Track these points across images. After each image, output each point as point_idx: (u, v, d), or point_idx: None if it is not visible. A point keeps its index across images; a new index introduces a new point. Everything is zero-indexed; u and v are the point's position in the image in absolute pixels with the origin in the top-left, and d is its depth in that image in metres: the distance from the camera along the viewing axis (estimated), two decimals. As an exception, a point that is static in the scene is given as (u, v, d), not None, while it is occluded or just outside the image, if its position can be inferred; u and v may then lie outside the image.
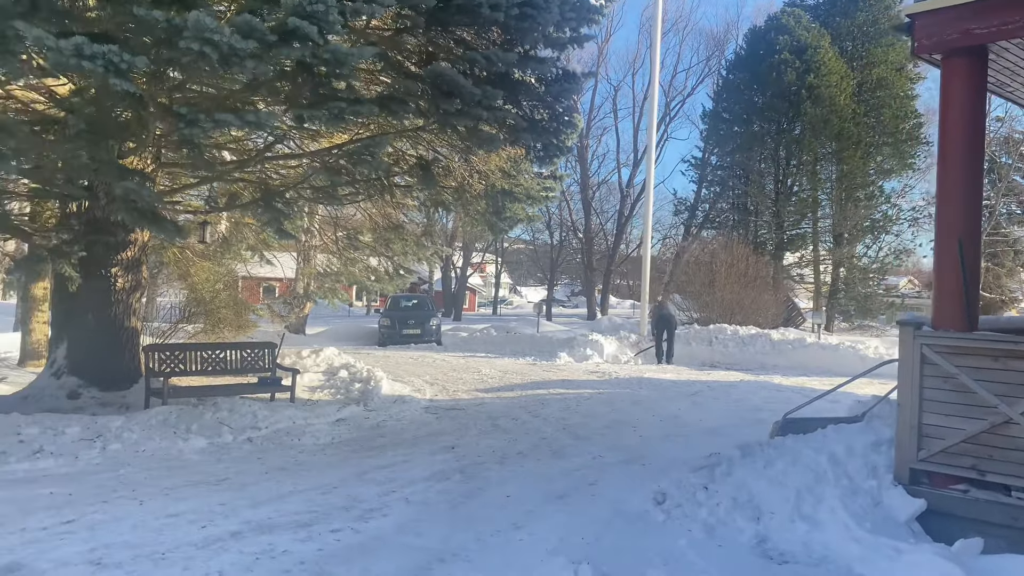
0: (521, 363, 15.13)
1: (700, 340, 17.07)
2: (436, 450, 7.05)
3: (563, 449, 6.97)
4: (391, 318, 21.35)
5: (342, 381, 11.32)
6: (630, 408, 9.28)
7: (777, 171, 34.54)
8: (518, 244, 63.19)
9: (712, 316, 19.14)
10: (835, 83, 31.68)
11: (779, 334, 16.70)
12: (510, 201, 9.22)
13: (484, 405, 9.80)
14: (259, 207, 6.97)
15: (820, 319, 18.96)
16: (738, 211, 36.50)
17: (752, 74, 34.13)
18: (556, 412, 9.06)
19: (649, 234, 18.59)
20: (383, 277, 11.76)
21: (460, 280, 40.78)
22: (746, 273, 20.23)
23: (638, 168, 43.07)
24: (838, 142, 32.02)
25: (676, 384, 11.53)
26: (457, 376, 12.72)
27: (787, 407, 9.48)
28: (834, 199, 33.89)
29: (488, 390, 11.16)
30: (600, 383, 11.70)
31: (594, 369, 13.82)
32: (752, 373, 14.32)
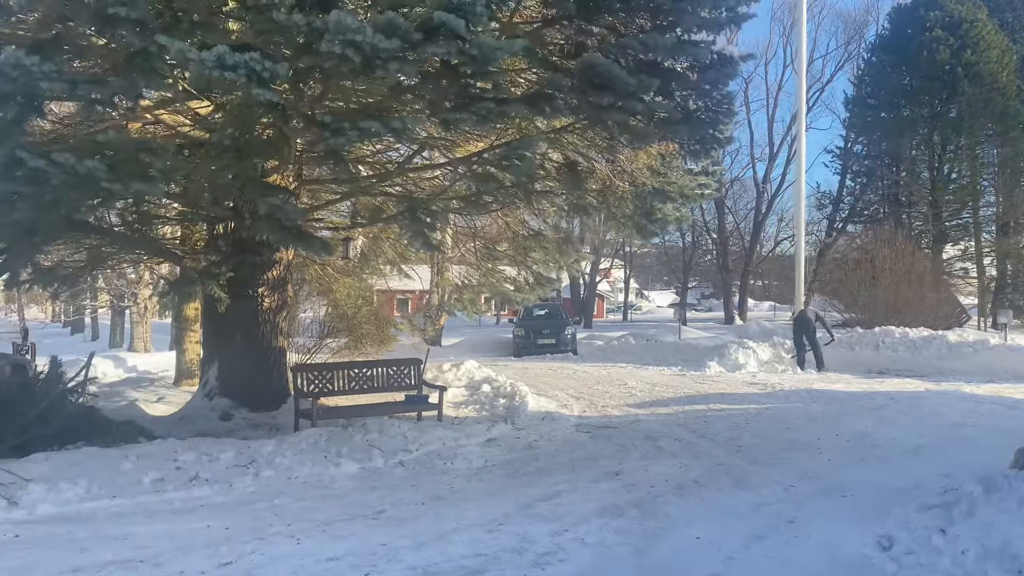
0: (668, 374, 14.28)
1: (865, 344, 15.64)
2: (599, 477, 6.43)
3: (745, 477, 6.18)
4: (525, 328, 20.93)
5: (485, 396, 10.92)
6: (808, 426, 8.32)
7: (932, 158, 31.87)
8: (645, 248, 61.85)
9: (875, 317, 17.57)
10: (996, 59, 28.88)
11: (956, 335, 15.05)
12: (661, 201, 8.51)
13: (639, 423, 9.11)
14: (405, 219, 6.64)
15: (1006, 318, 16.99)
16: (888, 202, 33.97)
17: (899, 55, 31.68)
18: (723, 431, 8.23)
19: (802, 230, 17.27)
20: (523, 287, 11.30)
21: (589, 287, 40.05)
22: (912, 269, 18.47)
23: (774, 163, 41.02)
24: (1001, 122, 29.15)
25: (852, 396, 10.40)
26: (602, 389, 12.07)
27: (992, 422, 8.29)
28: (998, 185, 30.89)
29: (639, 405, 10.44)
30: (764, 396, 10.72)
31: (752, 380, 12.79)
32: (932, 381, 12.86)
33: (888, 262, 18.50)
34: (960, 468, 6.08)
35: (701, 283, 75.45)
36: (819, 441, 7.52)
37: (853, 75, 39.03)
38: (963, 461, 6.37)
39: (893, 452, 6.90)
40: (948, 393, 10.43)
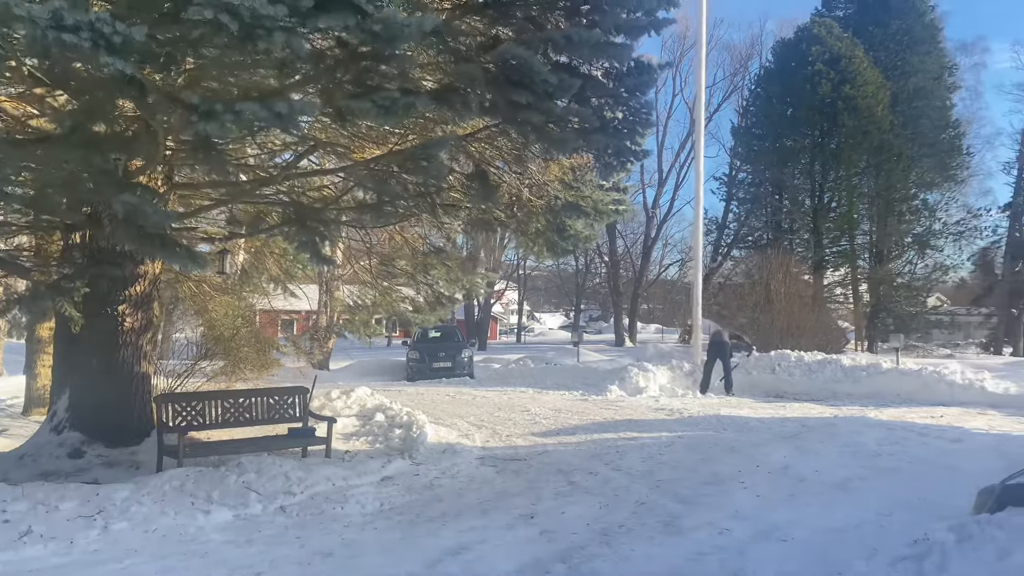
0: (570, 399, 13.73)
1: (762, 368, 15.63)
2: (513, 522, 5.68)
3: (674, 519, 5.57)
4: (420, 351, 19.99)
5: (379, 427, 9.99)
6: (725, 457, 7.86)
7: (813, 186, 33.19)
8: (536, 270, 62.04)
9: (770, 340, 17.72)
10: (871, 93, 30.41)
11: (850, 359, 15.26)
12: (575, 216, 7.92)
13: (548, 454, 8.43)
14: (292, 229, 5.72)
15: (899, 343, 17.46)
16: (772, 229, 35.08)
17: (783, 87, 32.95)
18: (638, 464, 7.66)
19: (700, 254, 17.21)
20: (422, 307, 10.46)
21: (484, 308, 39.43)
22: (803, 293, 18.81)
23: (663, 188, 41.82)
24: (877, 154, 30.65)
25: (763, 423, 10.10)
26: (504, 416, 11.35)
27: (908, 451, 8.07)
28: (874, 214, 32.48)
29: (546, 434, 9.78)
30: (673, 423, 10.28)
31: (657, 405, 12.39)
32: (830, 405, 12.86)
33: (783, 286, 18.78)
34: (896, 505, 5.71)
35: (590, 305, 76.52)
36: (741, 474, 7.04)
37: (739, 105, 40.47)
38: (897, 496, 6.01)
39: (821, 486, 6.49)
40: (856, 419, 10.30)
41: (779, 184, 34.35)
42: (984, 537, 3.70)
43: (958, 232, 33.20)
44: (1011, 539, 3.61)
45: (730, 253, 37.80)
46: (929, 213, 32.58)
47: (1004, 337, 36.38)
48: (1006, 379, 13.65)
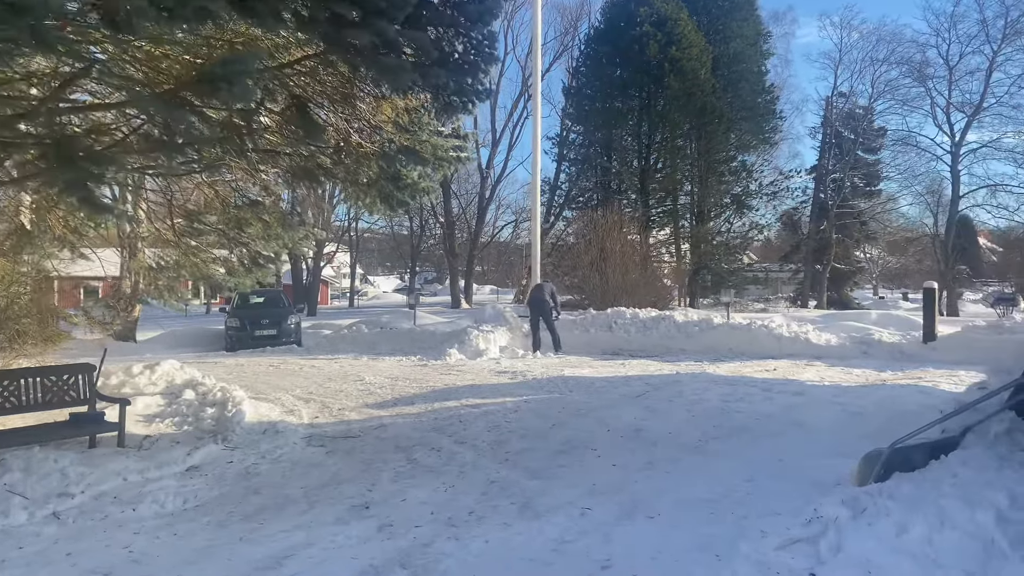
0: (408, 364, 12.94)
1: (599, 326, 15.55)
2: (345, 514, 4.86)
3: (529, 499, 4.96)
4: (240, 318, 18.36)
5: (189, 406, 8.74)
6: (575, 421, 7.41)
7: (641, 147, 33.93)
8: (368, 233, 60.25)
9: (606, 298, 17.74)
10: (696, 56, 31.33)
11: (683, 315, 15.47)
12: (412, 162, 7.05)
13: (385, 428, 7.63)
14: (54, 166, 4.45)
15: (728, 298, 18.00)
16: (602, 189, 35.65)
17: (613, 47, 33.29)
18: (485, 434, 7.04)
19: (538, 211, 16.84)
20: (237, 270, 9.19)
21: (314, 271, 37.54)
22: (636, 252, 18.99)
23: (497, 148, 41.54)
24: (700, 116, 31.71)
25: (609, 383, 9.80)
26: (336, 387, 10.40)
27: (754, 407, 7.96)
28: (695, 175, 33.77)
29: (382, 405, 8.96)
30: (517, 387, 9.77)
31: (499, 368, 11.86)
32: (666, 360, 12.92)
33: (617, 245, 18.85)
34: (757, 469, 5.43)
35: (425, 267, 75.78)
36: (594, 440, 6.60)
37: (569, 66, 40.66)
38: (755, 458, 5.75)
39: (678, 450, 6.15)
40: (698, 376, 10.26)
41: (609, 145, 34.87)
42: (879, 511, 3.33)
43: (772, 192, 35.31)
44: (906, 511, 3.26)
45: (562, 214, 38.16)
46: (747, 174, 34.32)
47: (809, 291, 39.44)
48: (826, 331, 14.32)
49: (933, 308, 12.56)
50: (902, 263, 55.30)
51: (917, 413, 7.42)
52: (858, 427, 6.74)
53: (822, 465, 5.37)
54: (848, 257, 41.78)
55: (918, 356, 12.35)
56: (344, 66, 6.35)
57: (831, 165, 40.49)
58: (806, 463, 5.47)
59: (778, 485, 4.97)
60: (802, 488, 4.84)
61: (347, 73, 6.58)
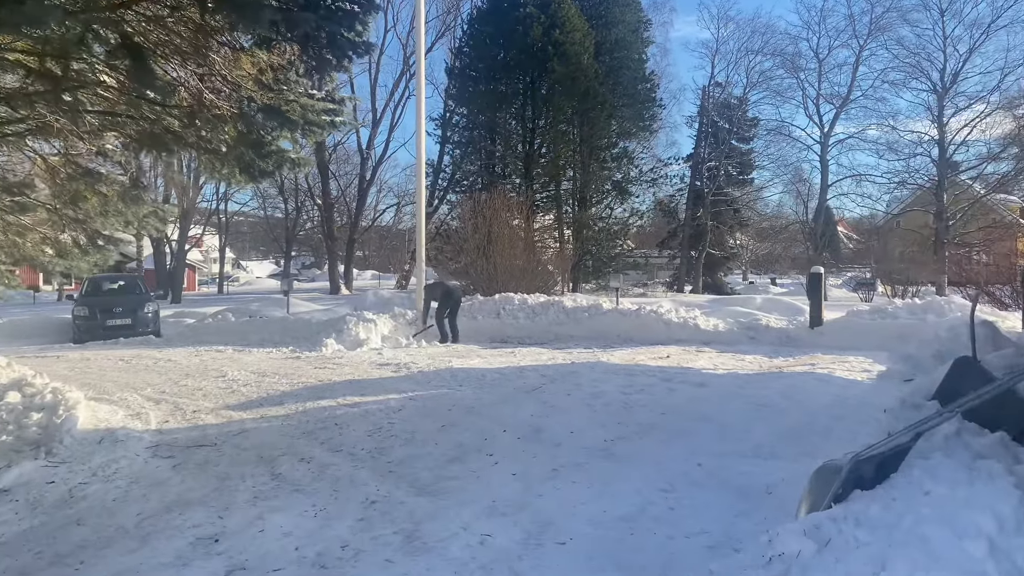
0: (279, 357, 11.78)
1: (487, 312, 14.87)
2: (188, 550, 3.91)
3: (417, 526, 4.15)
4: (89, 306, 16.50)
5: (11, 411, 7.34)
6: (467, 421, 6.64)
7: (525, 131, 33.47)
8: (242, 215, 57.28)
9: (493, 284, 17.07)
10: (579, 40, 31.11)
11: (572, 301, 15.02)
12: (278, 125, 6.04)
13: (247, 434, 6.60)
14: None
15: (617, 283, 17.70)
16: (486, 173, 34.97)
17: (497, 28, 32.59)
18: (364, 439, 6.16)
19: (423, 193, 15.92)
20: (70, 251, 7.82)
21: (178, 255, 35.01)
22: (524, 236, 18.40)
23: (378, 128, 40.12)
24: (583, 101, 31.53)
25: (501, 375, 9.08)
26: (193, 385, 9.19)
27: (656, 399, 7.42)
28: (578, 161, 33.65)
29: (246, 405, 7.88)
30: (401, 381, 8.89)
31: (382, 360, 10.91)
32: (556, 348, 12.41)
33: (506, 229, 18.18)
34: (676, 477, 4.84)
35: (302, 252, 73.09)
36: (489, 443, 5.86)
37: (452, 46, 39.69)
38: (669, 463, 5.16)
39: (584, 454, 5.49)
40: (594, 365, 9.72)
41: (493, 128, 34.22)
42: (847, 543, 2.73)
43: (652, 179, 35.73)
44: (883, 543, 2.67)
45: (446, 197, 37.28)
46: (628, 161, 34.52)
47: (685, 276, 40.35)
48: (713, 316, 14.21)
49: (819, 293, 12.61)
50: (769, 250, 57.68)
51: (822, 403, 7.13)
52: (770, 422, 6.32)
53: (744, 469, 4.86)
54: (722, 244, 43.03)
55: (805, 341, 12.36)
56: (193, 8, 5.31)
57: (706, 154, 41.50)
58: (726, 467, 4.94)
59: (701, 495, 4.39)
60: (728, 499, 4.29)
61: (197, 19, 5.52)
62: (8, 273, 8.96)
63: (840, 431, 5.50)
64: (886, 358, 10.41)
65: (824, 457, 4.90)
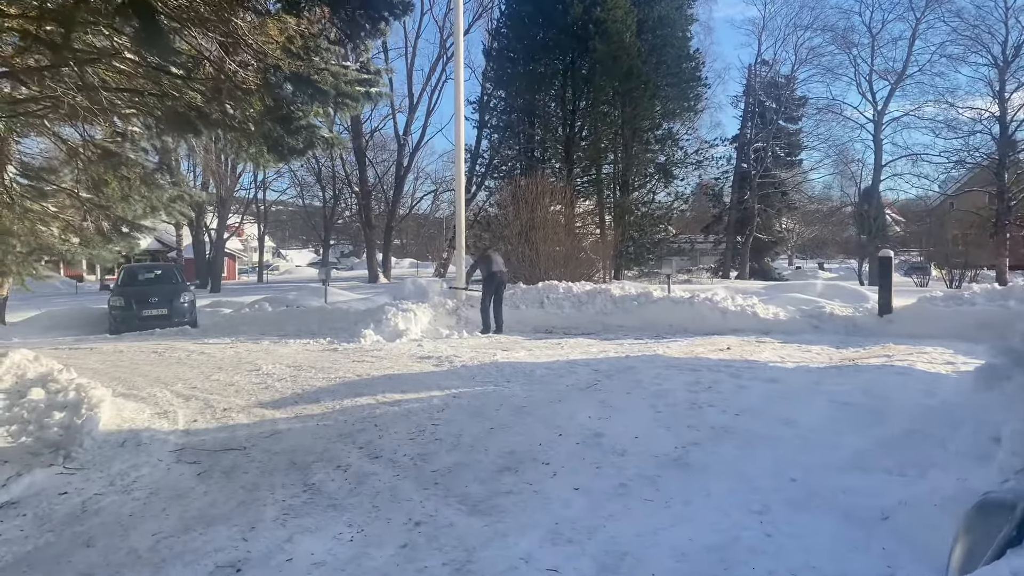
0: (315, 349, 11.29)
1: (530, 301, 14.22)
2: (207, 586, 3.36)
3: (471, 554, 3.53)
4: (125, 296, 16.24)
5: (33, 409, 6.96)
6: (517, 422, 6.02)
7: (565, 113, 32.64)
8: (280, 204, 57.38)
9: (536, 271, 16.43)
10: (621, 18, 30.11)
11: (620, 289, 14.31)
12: (307, 96, 5.46)
13: (280, 436, 6.06)
14: None
15: (669, 268, 16.94)
16: (525, 158, 34.25)
17: (535, 7, 31.75)
18: (406, 444, 5.57)
19: (462, 178, 15.31)
20: (94, 239, 7.37)
21: (217, 244, 34.97)
22: (565, 223, 17.69)
23: (415, 114, 39.64)
24: (626, 81, 30.58)
25: (550, 370, 8.43)
26: (226, 380, 8.72)
27: (725, 398, 6.64)
28: (619, 143, 32.72)
29: (279, 403, 7.36)
30: (444, 377, 8.30)
31: (422, 352, 10.34)
32: (605, 339, 11.74)
33: (549, 214, 17.49)
34: (768, 496, 4.16)
35: (340, 240, 73.24)
36: (544, 450, 5.23)
37: (489, 27, 38.94)
38: (755, 478, 4.48)
39: (653, 464, 4.83)
40: (651, 359, 9.02)
41: (532, 111, 33.45)
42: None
43: (697, 162, 34.64)
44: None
45: (484, 183, 36.66)
46: (672, 143, 33.50)
47: (731, 262, 39.21)
48: (770, 303, 13.40)
49: (889, 279, 11.71)
50: (816, 234, 56.04)
51: (911, 402, 6.37)
52: (859, 426, 5.58)
53: (846, 486, 4.16)
54: (769, 228, 41.78)
55: (874, 330, 11.50)
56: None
57: (753, 135, 40.23)
58: (824, 482, 4.24)
59: (801, 520, 3.71)
60: (834, 524, 3.63)
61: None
62: (34, 264, 8.55)
63: (948, 439, 4.75)
64: (969, 349, 9.60)
65: (939, 472, 4.21)
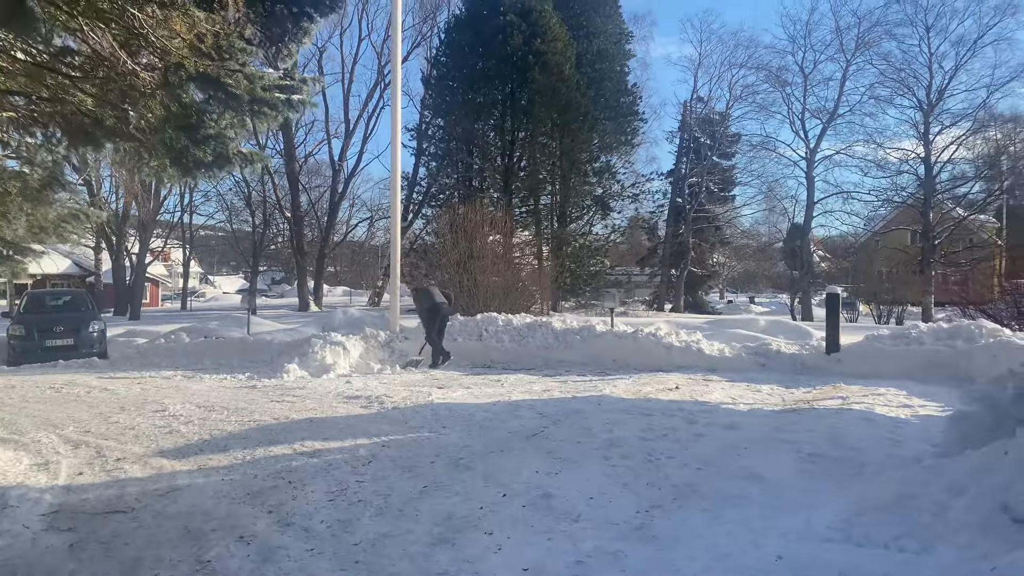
0: (232, 386, 10.32)
1: (468, 334, 13.52)
2: None
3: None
4: (26, 324, 14.87)
5: None
6: (454, 478, 5.27)
7: (504, 143, 32.29)
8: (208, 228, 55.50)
9: (474, 303, 15.75)
10: (560, 50, 30.07)
11: (561, 322, 13.73)
12: (218, 102, 4.70)
13: (178, 494, 5.17)
14: None
15: (613, 302, 16.43)
16: (463, 187, 33.71)
17: (476, 36, 31.44)
18: (324, 505, 4.77)
19: (398, 204, 14.53)
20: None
21: (138, 269, 33.19)
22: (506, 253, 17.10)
23: (351, 140, 38.79)
24: (565, 113, 30.43)
25: (491, 413, 7.70)
26: (126, 423, 7.73)
27: (683, 447, 6.01)
28: (558, 175, 32.53)
29: (183, 451, 6.45)
30: (373, 421, 7.48)
31: (351, 391, 9.47)
32: (547, 375, 11.13)
33: (488, 244, 16.88)
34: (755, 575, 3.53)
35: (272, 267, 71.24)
36: (486, 515, 4.50)
37: (429, 55, 38.54)
38: (729, 546, 3.86)
39: (614, 534, 4.16)
40: (600, 401, 8.39)
41: (471, 140, 33.01)
42: None
43: (634, 195, 34.69)
44: None
45: (421, 211, 35.99)
46: (610, 175, 33.48)
47: (665, 294, 39.29)
48: (714, 339, 13.00)
49: (837, 316, 11.43)
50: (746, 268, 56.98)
51: (881, 453, 5.90)
52: (831, 480, 5.05)
53: (843, 566, 3.56)
54: (703, 261, 42.12)
55: (822, 369, 11.17)
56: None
57: (688, 170, 40.64)
58: (816, 559, 3.63)
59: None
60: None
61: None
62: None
63: (948, 506, 4.22)
64: (923, 390, 9.30)
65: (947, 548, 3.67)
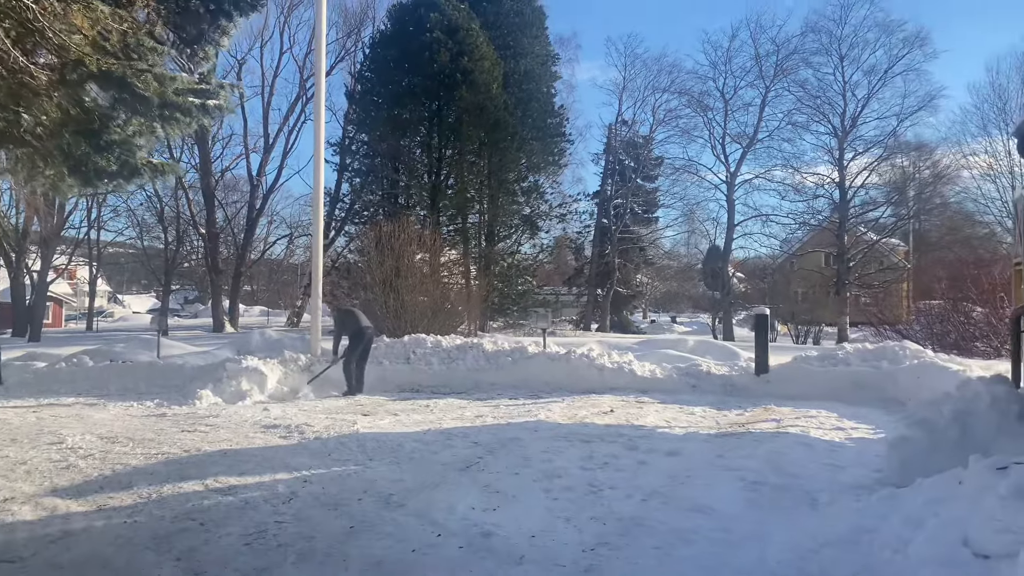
0: (139, 414, 9.59)
1: (395, 357, 13.04)
2: None
3: None
4: (-92, 348, 13.70)
5: None
6: (384, 517, 4.85)
7: (431, 161, 31.96)
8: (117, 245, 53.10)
9: (402, 324, 15.28)
10: (488, 69, 30.03)
11: (492, 344, 13.41)
12: (125, 105, 4.22)
13: (71, 540, 4.59)
14: None
15: (546, 324, 16.19)
16: (389, 204, 33.17)
17: (401, 52, 31.10)
18: (239, 550, 4.29)
19: (320, 220, 13.98)
20: None
21: (39, 287, 31.29)
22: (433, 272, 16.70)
23: (270, 155, 37.78)
24: (493, 131, 30.37)
25: (422, 443, 7.29)
26: (17, 457, 6.99)
27: (626, 478, 5.68)
28: (486, 194, 32.42)
29: (80, 490, 5.81)
30: (293, 453, 6.96)
31: (269, 420, 8.86)
32: (478, 399, 10.81)
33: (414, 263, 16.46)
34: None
35: (185, 286, 68.77)
36: (420, 560, 4.12)
37: (352, 70, 37.98)
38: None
39: None
40: (536, 427, 8.08)
41: (396, 157, 32.55)
42: None
43: (561, 215, 34.86)
44: None
45: (343, 228, 35.27)
46: (537, 195, 33.56)
47: (592, 314, 39.53)
48: (645, 360, 12.93)
49: (766, 337, 11.50)
50: (669, 288, 58.17)
51: (823, 480, 5.79)
52: (778, 511, 4.88)
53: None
54: (628, 282, 42.63)
55: (752, 390, 11.19)
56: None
57: (613, 191, 41.13)
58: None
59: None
60: None
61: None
62: None
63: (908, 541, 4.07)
64: (852, 412, 9.36)
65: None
